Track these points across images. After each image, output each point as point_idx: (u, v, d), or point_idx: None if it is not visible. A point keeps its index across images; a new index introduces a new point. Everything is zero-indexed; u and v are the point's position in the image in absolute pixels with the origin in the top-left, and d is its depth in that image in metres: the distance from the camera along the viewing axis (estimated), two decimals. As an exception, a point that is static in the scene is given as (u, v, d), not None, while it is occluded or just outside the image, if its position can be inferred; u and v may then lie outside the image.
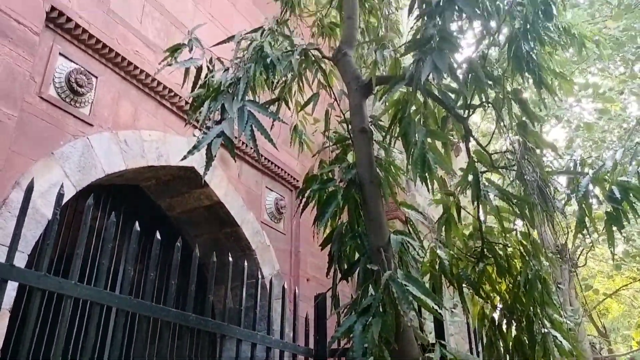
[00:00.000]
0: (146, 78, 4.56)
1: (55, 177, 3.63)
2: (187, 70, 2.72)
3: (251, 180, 5.82)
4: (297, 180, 6.18)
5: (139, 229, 2.00)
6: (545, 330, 2.26)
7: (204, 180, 4.98)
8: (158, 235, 2.06)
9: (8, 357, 3.31)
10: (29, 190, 1.61)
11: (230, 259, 2.51)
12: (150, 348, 4.28)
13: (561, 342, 2.20)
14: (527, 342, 2.22)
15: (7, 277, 1.52)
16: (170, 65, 2.63)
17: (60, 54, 3.94)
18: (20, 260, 3.16)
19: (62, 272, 3.17)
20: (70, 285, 1.67)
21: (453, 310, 5.60)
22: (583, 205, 2.36)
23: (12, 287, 2.96)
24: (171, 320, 2.01)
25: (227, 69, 2.46)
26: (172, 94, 4.78)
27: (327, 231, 2.49)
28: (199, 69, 2.65)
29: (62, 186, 1.76)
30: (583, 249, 9.35)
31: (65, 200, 3.57)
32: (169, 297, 2.05)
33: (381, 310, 1.85)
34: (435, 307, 1.82)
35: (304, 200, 2.55)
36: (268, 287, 2.86)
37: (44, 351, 3.78)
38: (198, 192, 5.29)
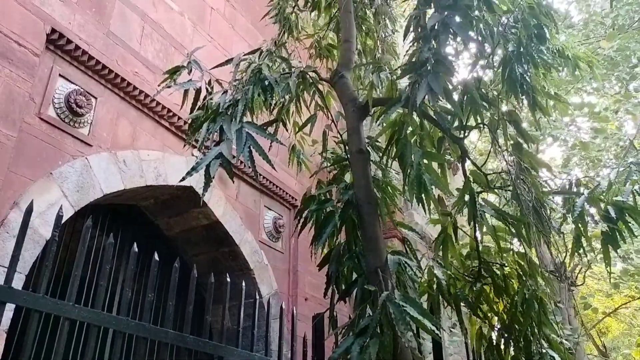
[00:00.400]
0: (145, 98, 4.60)
1: (54, 197, 3.64)
2: (186, 92, 2.75)
3: (249, 199, 5.83)
4: (296, 199, 6.19)
5: (137, 250, 2.00)
6: (543, 350, 2.26)
7: (203, 200, 4.99)
8: (156, 257, 2.07)
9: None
10: (28, 212, 1.63)
11: (228, 279, 2.51)
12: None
13: (559, 362, 2.20)
14: (525, 362, 2.23)
15: (6, 299, 1.52)
16: (169, 87, 2.66)
17: (60, 75, 3.98)
18: (18, 281, 3.16)
19: (60, 291, 3.16)
20: (68, 307, 1.67)
21: (452, 329, 5.57)
22: (579, 225, 2.38)
23: (9, 308, 2.96)
24: (169, 341, 2.01)
25: (225, 91, 2.50)
26: (171, 114, 4.82)
27: (325, 251, 2.50)
28: (198, 91, 2.69)
29: (61, 208, 1.77)
30: (581, 268, 9.34)
31: (63, 220, 3.57)
32: (166, 318, 2.05)
33: (379, 331, 1.85)
34: (433, 327, 1.82)
35: (302, 220, 2.57)
36: (266, 306, 2.86)
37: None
38: (196, 211, 5.30)
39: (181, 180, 1.96)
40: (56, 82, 3.94)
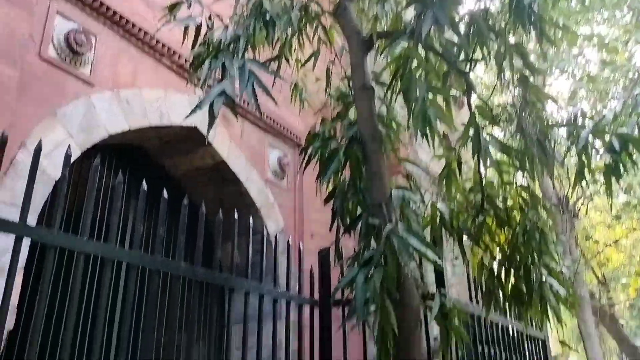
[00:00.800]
0: (145, 36, 4.52)
1: (60, 138, 3.66)
2: (186, 29, 2.70)
3: (254, 138, 5.84)
4: (300, 138, 6.20)
5: (146, 187, 2.04)
6: (543, 278, 2.32)
7: (207, 140, 5.01)
8: (165, 194, 2.11)
9: (23, 314, 3.42)
10: (38, 151, 1.65)
11: (236, 215, 2.57)
12: (161, 303, 4.39)
13: (557, 289, 2.27)
14: (524, 290, 2.30)
15: (23, 234, 1.57)
16: (169, 22, 2.61)
17: (57, 12, 3.90)
18: (29, 221, 3.23)
19: (71, 231, 3.24)
20: (82, 241, 1.72)
21: (454, 263, 5.72)
22: (582, 157, 2.39)
23: (25, 244, 3.04)
24: (181, 274, 2.08)
25: (226, 27, 2.45)
26: (172, 52, 4.75)
27: (330, 187, 2.53)
28: (198, 27, 2.64)
29: (69, 147, 1.79)
30: (583, 200, 9.40)
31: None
32: (177, 254, 2.11)
33: (382, 262, 1.91)
34: (435, 258, 1.87)
35: (307, 157, 2.58)
36: (273, 242, 2.93)
37: (58, 308, 3.89)
38: (201, 151, 5.33)
39: (186, 118, 1.96)
40: (54, 20, 3.87)
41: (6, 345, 3.27)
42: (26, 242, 2.54)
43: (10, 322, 3.11)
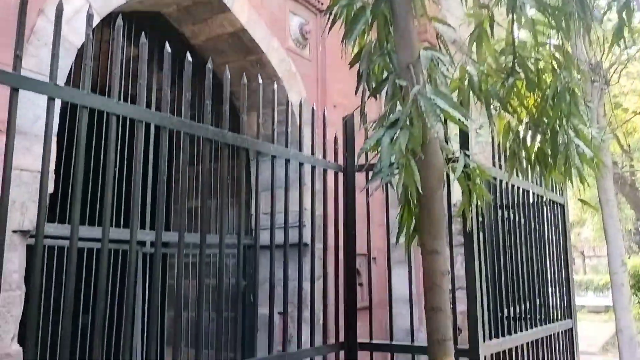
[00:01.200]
0: None
1: (78, 3, 3.56)
2: None
3: (274, 4, 5.60)
4: (322, 3, 5.93)
5: (170, 50, 2.02)
6: (570, 139, 2.31)
7: (226, 4, 4.83)
8: (189, 57, 2.09)
9: (62, 174, 3.59)
10: (60, 10, 1.61)
11: (260, 80, 2.55)
12: (190, 169, 4.56)
13: (583, 150, 2.27)
14: (549, 152, 2.30)
15: (55, 95, 1.59)
16: None
17: None
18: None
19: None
20: (112, 103, 1.75)
21: (478, 131, 5.70)
22: (623, 15, 2.25)
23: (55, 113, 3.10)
24: (210, 137, 2.13)
25: None
26: None
27: (356, 50, 2.46)
28: None
29: (90, 6, 1.75)
30: (617, 67, 8.94)
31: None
32: (205, 117, 2.14)
33: (409, 123, 1.91)
34: (462, 118, 1.87)
35: (332, 18, 2.49)
36: (297, 113, 2.94)
37: (93, 173, 4.06)
38: (220, 17, 5.16)
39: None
40: None
41: (48, 206, 3.47)
42: (57, 109, 2.57)
43: (50, 185, 3.28)
